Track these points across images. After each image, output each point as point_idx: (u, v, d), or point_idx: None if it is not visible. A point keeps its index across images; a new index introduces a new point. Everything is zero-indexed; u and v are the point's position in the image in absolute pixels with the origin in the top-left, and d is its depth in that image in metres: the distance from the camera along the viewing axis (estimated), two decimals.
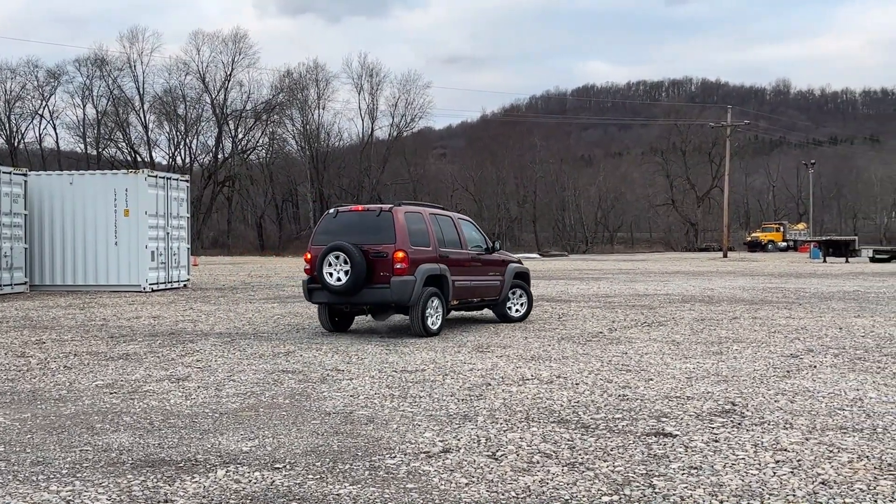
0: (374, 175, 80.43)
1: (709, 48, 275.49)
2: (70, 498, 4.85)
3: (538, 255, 62.20)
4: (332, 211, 12.96)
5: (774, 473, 5.20)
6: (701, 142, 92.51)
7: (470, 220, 14.75)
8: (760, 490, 4.88)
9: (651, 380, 8.56)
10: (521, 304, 14.74)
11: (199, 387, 8.27)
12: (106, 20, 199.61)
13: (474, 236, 14.16)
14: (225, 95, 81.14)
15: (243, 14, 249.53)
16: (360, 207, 12.95)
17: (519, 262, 15.18)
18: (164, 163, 79.71)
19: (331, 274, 12.04)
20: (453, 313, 14.81)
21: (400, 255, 11.96)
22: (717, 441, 5.99)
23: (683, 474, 5.19)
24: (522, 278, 14.89)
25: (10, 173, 21.93)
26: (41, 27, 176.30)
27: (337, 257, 11.99)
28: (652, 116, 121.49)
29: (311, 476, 5.21)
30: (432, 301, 12.41)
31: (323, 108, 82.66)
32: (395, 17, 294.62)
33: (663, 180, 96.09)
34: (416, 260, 12.15)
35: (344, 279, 11.95)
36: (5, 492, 4.93)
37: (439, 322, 12.59)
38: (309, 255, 12.55)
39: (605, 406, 7.24)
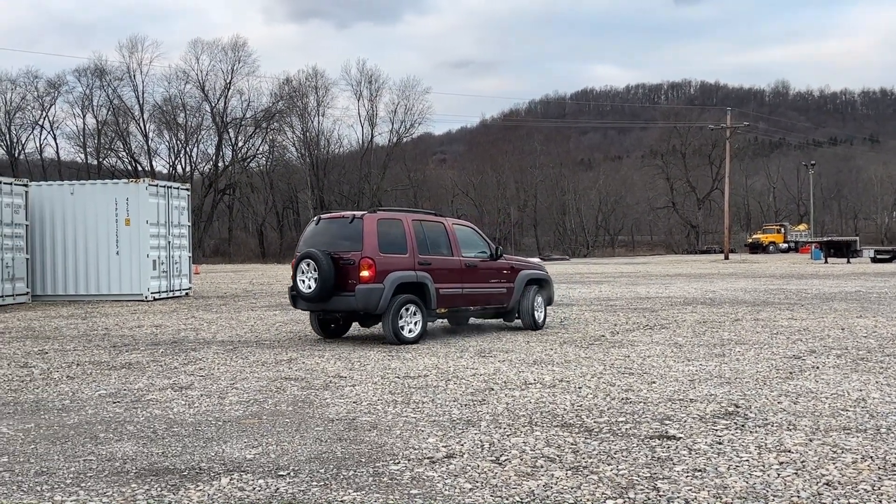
0: (374, 181, 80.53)
1: (707, 51, 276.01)
2: None
3: (539, 259, 62.24)
4: (315, 218, 13.09)
5: (778, 475, 5.20)
6: (701, 144, 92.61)
7: (471, 226, 14.19)
8: (765, 492, 4.88)
9: (654, 383, 8.56)
10: (539, 312, 14.06)
11: (201, 395, 8.28)
12: (110, 27, 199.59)
13: (475, 243, 13.58)
14: (225, 103, 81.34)
15: (251, 20, 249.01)
16: (337, 215, 12.93)
17: (537, 267, 14.54)
18: (165, 172, 79.84)
19: (303, 281, 12.10)
20: (472, 320, 14.58)
21: (365, 262, 11.76)
22: (720, 443, 5.99)
23: (687, 477, 5.19)
24: (539, 284, 14.16)
25: (10, 184, 21.98)
26: (42, 35, 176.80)
27: (308, 265, 12.02)
28: (651, 119, 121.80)
29: (315, 483, 5.21)
30: (408, 309, 12.07)
31: (322, 115, 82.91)
32: (407, 23, 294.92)
33: (663, 183, 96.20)
34: (385, 269, 11.84)
35: (313, 286, 11.95)
36: (10, 502, 4.94)
37: (417, 330, 12.20)
38: (294, 263, 12.55)
39: (608, 409, 7.24)
